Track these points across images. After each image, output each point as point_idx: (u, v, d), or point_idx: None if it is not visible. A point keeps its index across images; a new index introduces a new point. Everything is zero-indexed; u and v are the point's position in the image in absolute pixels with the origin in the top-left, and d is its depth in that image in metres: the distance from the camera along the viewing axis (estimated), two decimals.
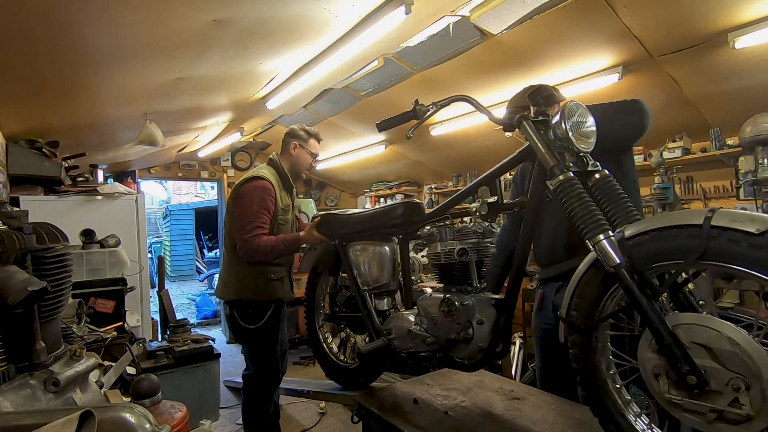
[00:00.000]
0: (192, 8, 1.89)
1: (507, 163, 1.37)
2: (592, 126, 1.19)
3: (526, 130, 1.22)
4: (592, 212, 1.06)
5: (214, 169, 7.05)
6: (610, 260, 0.99)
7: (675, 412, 0.94)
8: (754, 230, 0.82)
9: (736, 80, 2.89)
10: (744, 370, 0.83)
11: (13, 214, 1.32)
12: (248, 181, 2.25)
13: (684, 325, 0.92)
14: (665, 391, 0.94)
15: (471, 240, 1.51)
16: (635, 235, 0.99)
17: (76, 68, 2.36)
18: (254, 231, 2.13)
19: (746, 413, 0.83)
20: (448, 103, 1.46)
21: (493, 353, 1.41)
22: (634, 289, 0.97)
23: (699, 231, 0.88)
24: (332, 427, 3.04)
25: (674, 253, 0.93)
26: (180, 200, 15.54)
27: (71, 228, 2.34)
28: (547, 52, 3.03)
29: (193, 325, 6.31)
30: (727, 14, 2.39)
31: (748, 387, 0.83)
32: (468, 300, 1.44)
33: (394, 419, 1.50)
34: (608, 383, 1.07)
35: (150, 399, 1.50)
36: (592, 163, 1.19)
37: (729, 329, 0.87)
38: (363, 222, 1.85)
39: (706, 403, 0.88)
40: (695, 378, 0.88)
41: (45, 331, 1.12)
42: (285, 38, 2.49)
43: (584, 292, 1.08)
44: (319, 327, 2.24)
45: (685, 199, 3.77)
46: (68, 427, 0.73)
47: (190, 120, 4.28)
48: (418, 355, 1.61)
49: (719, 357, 0.87)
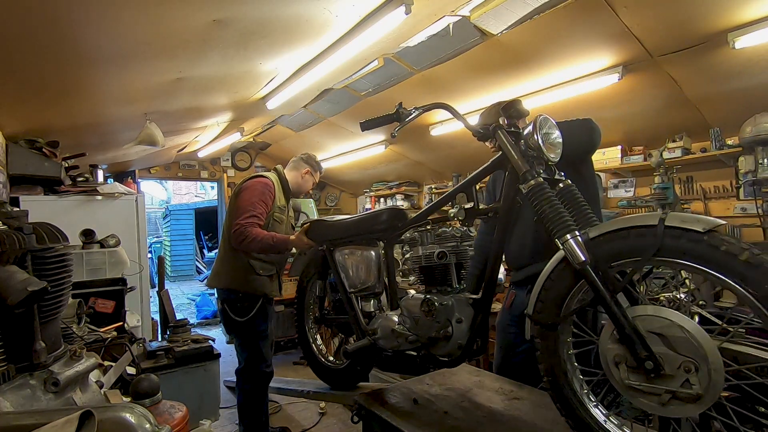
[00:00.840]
0: (192, 8, 1.89)
1: (481, 171, 1.48)
2: (559, 138, 1.31)
3: (501, 140, 1.33)
4: (561, 214, 1.16)
5: (214, 169, 7.05)
6: (576, 258, 1.09)
7: (633, 397, 1.03)
8: (700, 229, 0.93)
9: (736, 80, 2.89)
10: (693, 354, 0.94)
11: (13, 214, 1.32)
12: (252, 178, 2.46)
13: (642, 316, 1.02)
14: (625, 378, 1.03)
15: (449, 244, 1.61)
16: (599, 236, 1.09)
17: (76, 68, 2.36)
18: (250, 219, 2.26)
19: (696, 392, 0.94)
20: (429, 109, 1.56)
21: (472, 350, 1.51)
22: (599, 284, 1.06)
23: (654, 231, 0.99)
24: (332, 427, 3.04)
25: (633, 251, 1.03)
26: (180, 200, 15.54)
27: (71, 228, 2.34)
28: (547, 52, 3.03)
29: (193, 325, 6.30)
30: (727, 14, 2.39)
31: (697, 369, 0.94)
32: (447, 300, 1.54)
33: (394, 419, 1.50)
34: (570, 375, 1.16)
35: (150, 399, 1.50)
36: (558, 173, 1.31)
37: (680, 318, 0.98)
38: (349, 227, 1.94)
39: (661, 386, 0.97)
40: (652, 363, 0.98)
41: (45, 331, 1.12)
42: (285, 38, 2.49)
43: (550, 290, 1.17)
44: (309, 329, 2.32)
45: (685, 199, 3.77)
46: (68, 427, 0.73)
47: (190, 120, 4.28)
48: (403, 354, 1.70)
49: (672, 343, 0.97)
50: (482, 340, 1.52)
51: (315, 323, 2.29)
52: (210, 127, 4.73)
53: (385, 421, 1.52)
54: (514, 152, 1.29)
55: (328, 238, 2.04)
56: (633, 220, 1.05)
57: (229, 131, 5.06)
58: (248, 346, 2.43)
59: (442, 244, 1.61)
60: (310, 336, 2.31)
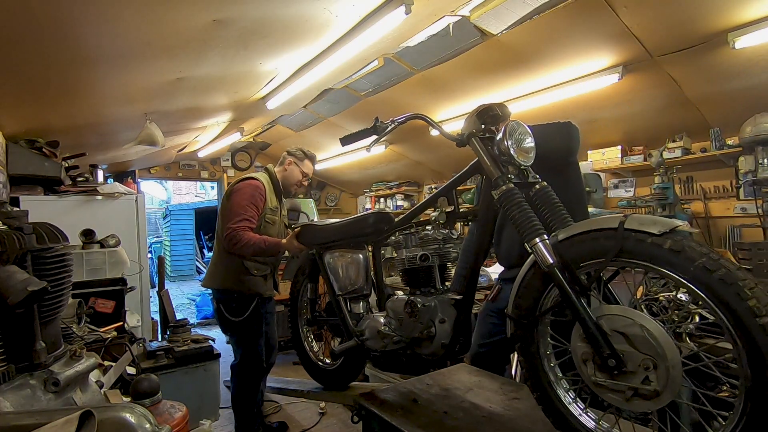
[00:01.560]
0: (192, 8, 1.89)
1: (460, 176, 1.51)
2: (531, 143, 1.33)
3: (475, 146, 1.37)
4: (530, 219, 1.19)
5: (214, 169, 7.05)
6: (544, 260, 1.13)
7: (601, 393, 1.07)
8: (656, 231, 0.97)
9: (736, 80, 2.89)
10: (652, 352, 0.98)
11: (13, 214, 1.32)
12: (242, 180, 2.46)
13: (606, 315, 1.06)
14: (592, 375, 1.07)
15: (432, 246, 1.63)
16: (566, 238, 1.12)
17: (76, 68, 2.36)
18: (241, 222, 2.29)
19: (654, 388, 0.97)
20: (405, 121, 1.60)
21: (455, 349, 1.55)
22: (565, 285, 1.09)
23: (615, 233, 1.03)
24: (332, 427, 3.04)
25: (597, 252, 1.07)
26: (180, 200, 15.54)
27: (71, 228, 2.34)
28: (547, 52, 3.03)
29: (193, 325, 6.30)
30: (727, 14, 2.39)
31: (656, 366, 0.98)
32: (430, 301, 1.58)
33: (394, 419, 1.50)
34: (546, 367, 1.22)
35: (150, 399, 1.50)
36: (532, 176, 1.34)
37: (641, 317, 1.01)
38: (337, 231, 1.98)
39: (624, 383, 1.01)
40: (614, 361, 1.02)
41: (45, 331, 1.12)
42: (285, 38, 2.49)
43: (526, 291, 1.21)
44: (302, 331, 2.36)
45: (685, 199, 3.77)
46: (68, 427, 0.73)
47: (190, 120, 4.28)
48: (389, 353, 1.74)
49: (633, 342, 1.01)
50: (465, 340, 1.56)
51: (307, 325, 2.34)
52: (210, 127, 4.73)
53: (385, 421, 1.52)
54: (486, 158, 1.34)
55: (317, 241, 2.08)
56: (597, 223, 1.09)
57: (229, 131, 5.06)
58: (243, 344, 2.49)
59: (424, 246, 1.64)
60: (303, 337, 2.36)
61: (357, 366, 2.10)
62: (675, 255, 0.94)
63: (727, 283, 0.88)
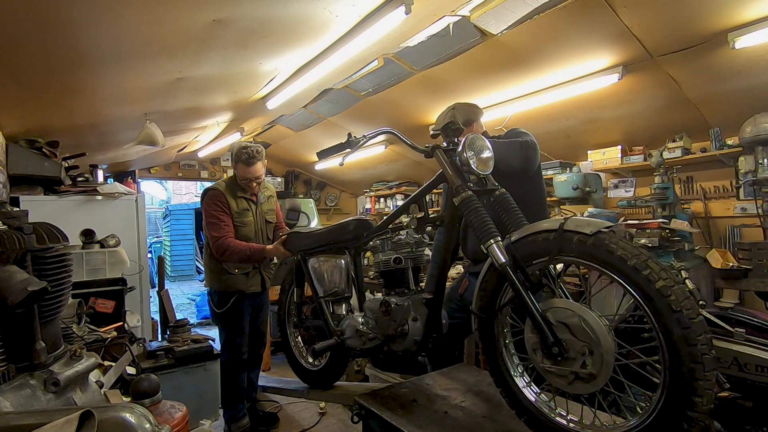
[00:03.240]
0: (192, 8, 1.88)
1: (429, 184, 1.64)
2: (490, 153, 1.45)
3: (438, 158, 1.50)
4: (485, 223, 1.31)
5: (214, 169, 7.05)
6: (498, 260, 1.24)
7: (549, 378, 1.19)
8: (589, 232, 1.09)
9: (736, 80, 2.89)
10: (588, 339, 1.09)
11: (13, 214, 1.32)
12: (204, 193, 2.64)
13: (552, 308, 1.18)
14: (540, 362, 1.19)
15: (405, 250, 1.77)
16: (518, 240, 1.25)
17: (76, 68, 2.36)
18: (221, 230, 2.48)
19: (590, 371, 1.09)
20: (375, 136, 1.73)
21: (427, 345, 1.67)
22: (515, 281, 1.21)
23: (556, 234, 1.15)
24: (332, 427, 3.03)
25: (542, 252, 1.19)
26: (180, 200, 15.53)
27: (71, 228, 2.34)
28: (547, 52, 3.03)
29: (193, 325, 6.30)
30: (727, 14, 2.39)
31: (591, 352, 1.09)
32: (403, 301, 1.71)
33: (394, 419, 1.50)
34: (505, 356, 1.35)
35: (150, 399, 1.50)
36: (491, 183, 1.46)
37: (581, 309, 1.13)
38: (320, 237, 2.12)
39: (566, 368, 1.13)
40: (557, 348, 1.13)
41: (45, 331, 1.12)
42: (285, 38, 2.49)
43: (486, 288, 1.34)
44: (289, 333, 2.52)
45: (685, 199, 3.77)
46: (68, 427, 0.73)
47: (190, 120, 4.28)
48: (368, 351, 1.86)
49: (573, 331, 1.12)
50: (437, 336, 1.67)
51: (294, 327, 2.47)
52: (210, 127, 4.73)
53: (385, 421, 1.52)
54: (449, 169, 1.46)
55: (302, 248, 2.22)
56: (542, 225, 1.21)
57: (229, 131, 5.06)
58: (223, 333, 2.72)
59: (398, 250, 1.77)
60: (291, 339, 2.50)
61: (340, 367, 2.25)
62: (597, 250, 1.08)
63: (639, 270, 1.02)
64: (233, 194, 2.60)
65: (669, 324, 0.98)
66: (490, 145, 1.47)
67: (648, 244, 3.33)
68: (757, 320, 1.89)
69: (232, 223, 2.54)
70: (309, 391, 2.42)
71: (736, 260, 3.09)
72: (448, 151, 1.51)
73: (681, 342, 0.97)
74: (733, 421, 1.81)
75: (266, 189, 2.80)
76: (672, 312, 0.98)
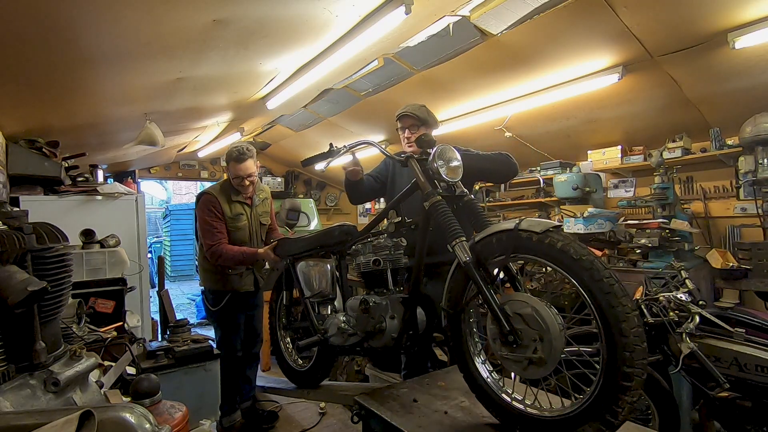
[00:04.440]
0: (192, 8, 1.88)
1: (406, 191, 1.78)
2: (458, 162, 1.60)
3: (412, 166, 1.65)
4: (452, 225, 1.44)
5: (214, 169, 7.05)
6: (461, 258, 1.37)
7: (507, 365, 1.30)
8: (539, 231, 1.21)
9: (736, 80, 2.89)
10: (539, 327, 1.21)
11: (13, 214, 1.32)
12: (198, 198, 2.69)
13: (510, 301, 1.30)
14: (499, 350, 1.30)
15: (383, 252, 1.89)
16: (480, 240, 1.37)
17: (76, 68, 2.36)
18: (214, 237, 2.54)
19: (540, 356, 1.20)
20: (356, 146, 1.86)
21: (404, 342, 1.80)
22: (476, 277, 1.33)
23: (512, 234, 1.27)
24: (332, 427, 3.03)
25: (500, 250, 1.32)
26: (180, 200, 15.52)
27: (71, 228, 2.33)
28: (547, 52, 3.03)
29: (193, 325, 6.29)
30: (727, 14, 2.39)
31: (542, 339, 1.20)
32: (382, 300, 1.84)
33: (394, 419, 1.50)
34: (469, 346, 1.47)
35: (150, 399, 1.50)
36: (460, 190, 1.60)
37: (534, 301, 1.25)
38: (307, 243, 2.27)
39: (521, 354, 1.24)
40: (513, 336, 1.25)
41: (45, 331, 1.12)
42: (285, 38, 2.49)
43: (454, 285, 1.46)
44: (279, 335, 2.63)
45: (685, 199, 3.77)
46: (68, 427, 0.73)
47: (190, 120, 4.28)
48: (350, 348, 1.98)
49: (527, 320, 1.24)
50: (414, 333, 1.81)
51: (284, 330, 2.59)
52: (210, 127, 4.73)
53: (385, 421, 1.52)
54: (421, 176, 1.61)
55: (291, 253, 2.35)
56: (500, 226, 1.33)
57: (229, 131, 5.06)
58: (218, 330, 2.79)
59: (377, 253, 1.90)
60: (281, 341, 2.60)
61: (326, 367, 2.38)
62: (545, 246, 1.20)
63: (575, 259, 1.14)
64: (227, 198, 2.63)
65: (607, 314, 1.10)
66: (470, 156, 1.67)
67: (648, 244, 3.34)
68: (757, 320, 1.89)
69: (225, 229, 2.59)
70: (309, 391, 2.44)
71: (736, 260, 3.10)
72: (421, 161, 1.65)
73: (617, 332, 1.08)
74: (733, 421, 1.81)
75: (261, 191, 2.83)
76: (611, 308, 1.09)
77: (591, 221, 3.71)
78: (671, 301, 1.94)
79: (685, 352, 1.73)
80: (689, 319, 1.81)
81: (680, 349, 1.75)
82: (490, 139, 4.24)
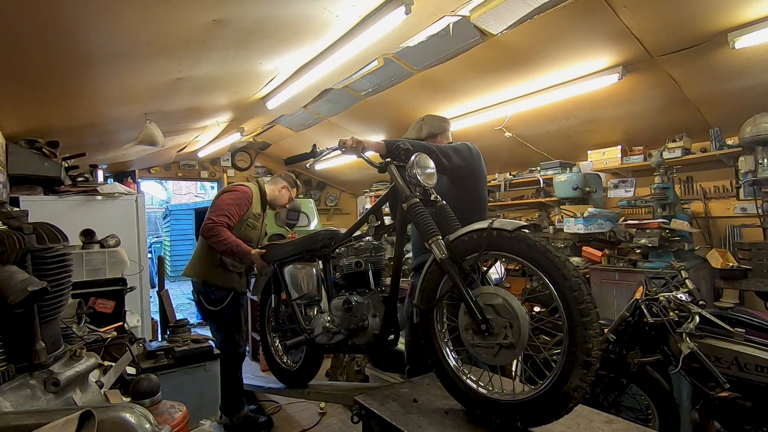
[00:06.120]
0: (192, 8, 1.89)
1: (385, 196, 1.88)
2: (433, 169, 1.70)
3: (391, 171, 1.73)
4: (428, 225, 1.53)
5: (214, 169, 7.05)
6: (438, 255, 1.45)
7: (476, 353, 1.39)
8: (510, 229, 1.31)
9: (736, 80, 2.89)
10: (509, 316, 1.31)
11: (13, 214, 1.32)
12: (237, 184, 2.79)
13: (483, 294, 1.39)
14: (471, 339, 1.39)
15: (365, 254, 2.02)
16: (455, 238, 1.46)
17: (76, 68, 2.36)
18: (222, 217, 2.57)
19: (510, 341, 1.31)
20: (335, 149, 1.95)
21: (386, 338, 1.89)
22: (452, 273, 1.42)
23: (485, 232, 1.36)
24: (332, 427, 3.04)
25: (475, 248, 1.40)
26: (180, 200, 15.53)
27: (71, 228, 2.33)
28: (547, 52, 3.03)
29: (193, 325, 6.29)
30: (727, 14, 2.39)
31: (512, 326, 1.30)
32: (363, 299, 1.94)
33: (394, 419, 1.50)
34: (440, 340, 1.54)
35: (150, 399, 1.50)
36: (434, 196, 1.70)
37: (504, 293, 1.35)
38: (294, 247, 2.34)
39: (492, 341, 1.34)
40: (485, 325, 1.34)
41: (45, 331, 1.12)
42: (285, 38, 2.49)
43: (428, 282, 1.53)
44: (269, 338, 2.67)
45: (685, 199, 3.77)
46: (68, 427, 0.73)
47: (190, 120, 4.28)
48: (335, 345, 2.05)
49: (498, 311, 1.34)
50: (395, 331, 1.91)
51: (273, 332, 2.64)
52: (210, 127, 4.73)
53: (385, 421, 1.52)
54: (400, 181, 1.69)
55: (278, 257, 2.41)
56: (474, 225, 1.41)
57: (229, 131, 5.06)
58: (221, 331, 2.77)
59: (359, 255, 2.02)
60: (270, 343, 2.66)
61: (313, 368, 2.46)
62: (512, 241, 1.31)
63: (541, 251, 1.25)
64: (261, 203, 2.81)
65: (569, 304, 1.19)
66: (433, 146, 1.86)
67: (648, 244, 3.34)
68: (757, 320, 1.89)
69: (237, 222, 2.65)
70: (309, 391, 2.47)
71: (736, 260, 3.10)
72: (399, 167, 1.74)
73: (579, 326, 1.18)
74: (733, 421, 1.81)
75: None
76: (575, 302, 1.18)
77: (591, 221, 3.71)
78: (671, 301, 1.94)
79: (685, 352, 1.73)
80: (689, 319, 1.81)
81: (680, 349, 1.75)
82: (490, 139, 4.24)
